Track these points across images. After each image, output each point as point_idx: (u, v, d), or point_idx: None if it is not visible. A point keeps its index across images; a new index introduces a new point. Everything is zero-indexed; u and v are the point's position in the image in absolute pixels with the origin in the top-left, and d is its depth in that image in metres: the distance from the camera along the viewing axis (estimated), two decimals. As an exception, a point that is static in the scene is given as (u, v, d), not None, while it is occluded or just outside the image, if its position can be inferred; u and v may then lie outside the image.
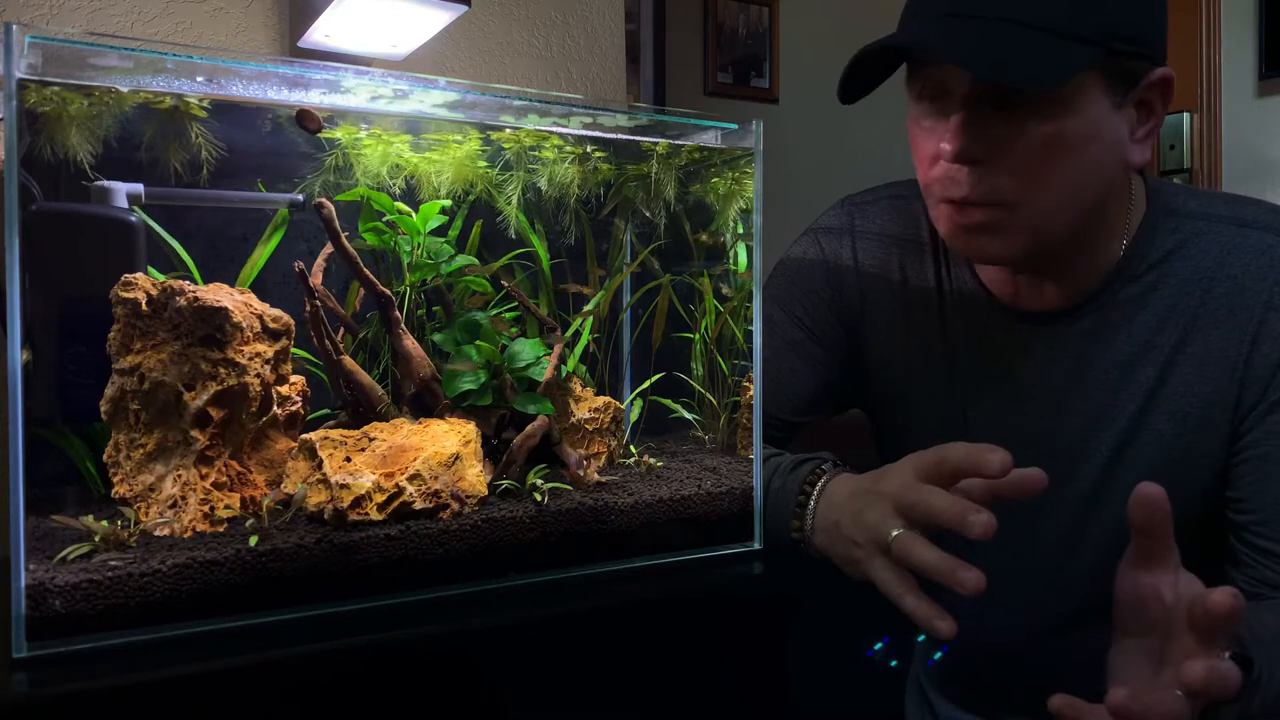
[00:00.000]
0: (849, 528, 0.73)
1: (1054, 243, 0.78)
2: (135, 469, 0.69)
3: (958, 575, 0.62)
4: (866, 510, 0.71)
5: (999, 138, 0.73)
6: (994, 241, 0.77)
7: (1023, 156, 0.73)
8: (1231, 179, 2.84)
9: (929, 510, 0.65)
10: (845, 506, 0.75)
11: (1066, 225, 0.77)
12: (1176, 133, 2.91)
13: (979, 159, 0.74)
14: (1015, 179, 0.73)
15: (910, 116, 0.80)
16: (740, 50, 2.87)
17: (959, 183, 0.75)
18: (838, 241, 0.95)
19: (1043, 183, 0.74)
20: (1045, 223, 0.76)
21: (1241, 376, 0.78)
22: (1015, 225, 0.75)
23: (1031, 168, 0.73)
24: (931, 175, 0.78)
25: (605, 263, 1.05)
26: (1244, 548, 0.78)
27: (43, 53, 0.64)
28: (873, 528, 0.69)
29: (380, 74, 0.78)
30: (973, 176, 0.74)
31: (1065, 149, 0.73)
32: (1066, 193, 0.75)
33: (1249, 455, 0.78)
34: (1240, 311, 0.78)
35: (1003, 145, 0.73)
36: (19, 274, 0.58)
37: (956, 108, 0.74)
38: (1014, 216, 0.75)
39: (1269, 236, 0.79)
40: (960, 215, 0.77)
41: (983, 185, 0.74)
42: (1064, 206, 0.76)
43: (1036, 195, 0.74)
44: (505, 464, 0.81)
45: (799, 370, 0.94)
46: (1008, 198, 0.74)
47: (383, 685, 0.63)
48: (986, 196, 0.74)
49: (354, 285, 0.90)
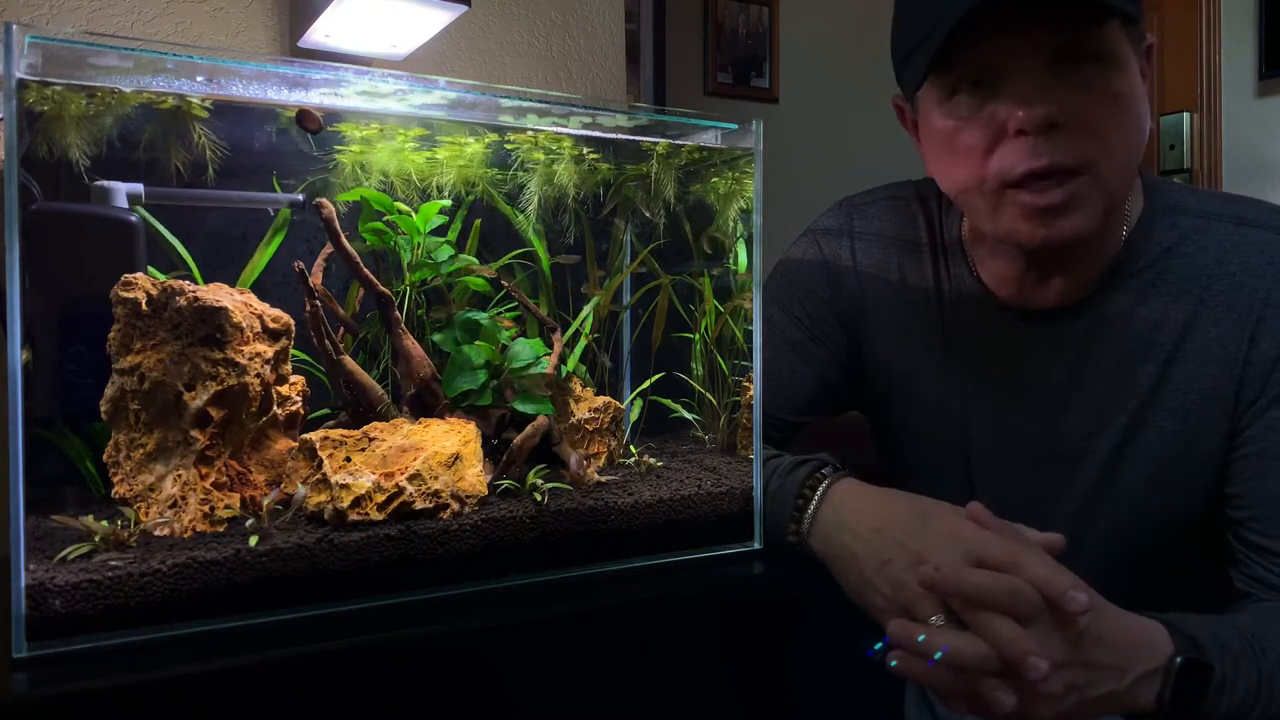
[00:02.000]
0: (873, 574, 0.69)
1: (1117, 206, 0.78)
2: (135, 469, 0.69)
3: (996, 694, 0.59)
4: (900, 570, 0.67)
5: (1070, 99, 0.72)
6: (1076, 217, 0.74)
7: (1096, 114, 0.72)
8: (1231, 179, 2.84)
9: (989, 633, 0.60)
10: (869, 543, 0.71)
11: (1128, 186, 0.78)
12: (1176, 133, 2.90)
13: (1058, 122, 0.71)
14: (1093, 138, 0.72)
15: (938, 118, 0.78)
16: (740, 50, 2.87)
17: (1040, 153, 0.72)
18: (836, 243, 0.95)
19: (1116, 137, 0.73)
20: (1118, 183, 0.75)
21: (1240, 373, 0.78)
22: (1095, 191, 0.73)
23: (1105, 124, 0.72)
24: (994, 163, 0.74)
25: (605, 263, 1.05)
26: (1240, 545, 0.78)
27: (43, 53, 0.64)
28: (909, 599, 0.65)
29: (380, 74, 0.78)
30: (1053, 143, 0.72)
31: (1127, 104, 0.73)
32: (1133, 150, 0.75)
33: (1246, 451, 0.78)
34: (1239, 308, 0.78)
35: (1077, 105, 0.72)
36: (19, 274, 0.58)
37: (1016, 79, 0.72)
38: (1096, 181, 0.73)
39: (1267, 234, 0.79)
40: (1041, 198, 0.73)
41: (1066, 150, 0.72)
42: (1130, 166, 0.76)
43: (1113, 154, 0.73)
44: (505, 464, 0.81)
45: (798, 370, 0.94)
46: (1091, 156, 0.72)
47: (383, 685, 0.63)
48: (1071, 160, 0.72)
49: (354, 285, 0.90)
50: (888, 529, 0.70)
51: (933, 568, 0.63)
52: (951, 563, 0.63)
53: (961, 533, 0.66)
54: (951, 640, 0.60)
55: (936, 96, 0.77)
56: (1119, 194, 0.76)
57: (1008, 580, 0.61)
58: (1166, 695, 0.63)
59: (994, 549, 0.63)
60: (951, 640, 0.60)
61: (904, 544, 0.68)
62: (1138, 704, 0.64)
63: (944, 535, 0.66)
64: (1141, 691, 0.63)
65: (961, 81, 0.75)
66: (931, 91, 0.78)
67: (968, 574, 0.62)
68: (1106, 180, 0.74)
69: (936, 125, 0.78)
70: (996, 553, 0.63)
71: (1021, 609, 0.60)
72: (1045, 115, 0.71)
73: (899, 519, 0.70)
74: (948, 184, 0.81)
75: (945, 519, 0.68)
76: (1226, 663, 0.65)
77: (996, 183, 0.75)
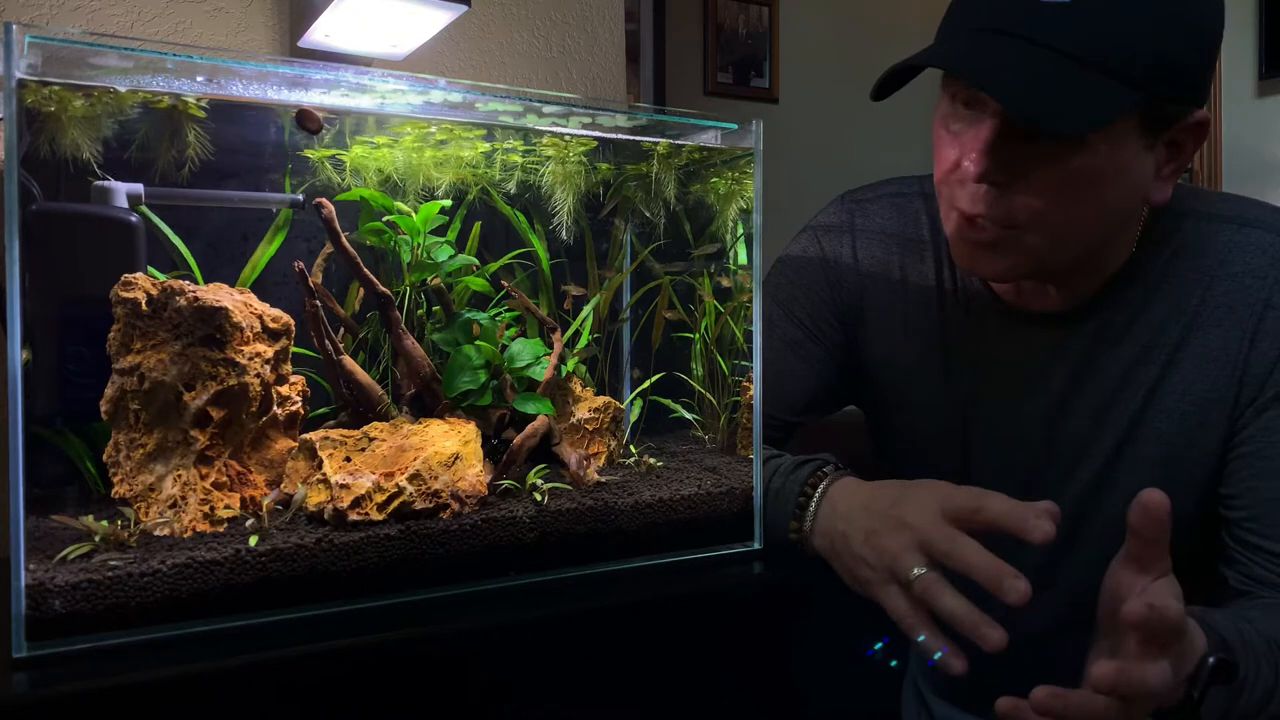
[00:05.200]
0: (860, 546, 0.71)
1: (1056, 269, 0.78)
2: (135, 469, 0.69)
3: (981, 630, 0.61)
4: (884, 535, 0.69)
5: (1023, 165, 0.71)
6: (997, 260, 0.76)
7: (1044, 186, 0.71)
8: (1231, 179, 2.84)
9: (964, 564, 0.64)
10: (856, 521, 0.73)
11: (1071, 255, 0.76)
12: (1176, 133, 2.90)
13: (1000, 183, 0.72)
14: (1031, 205, 0.72)
15: (938, 112, 0.78)
16: (740, 50, 2.87)
17: (975, 200, 0.73)
18: (837, 240, 0.95)
19: (1059, 213, 0.72)
20: (1052, 250, 0.75)
21: (1240, 374, 0.78)
22: (1021, 248, 0.74)
23: (1051, 198, 0.72)
24: (949, 181, 0.77)
25: (605, 263, 1.05)
26: (1236, 544, 0.78)
27: (43, 53, 0.64)
28: (891, 557, 0.68)
29: (380, 74, 0.78)
30: (989, 196, 0.73)
31: (1089, 185, 0.71)
32: (1080, 226, 0.74)
33: (1243, 451, 0.78)
34: (1240, 309, 0.78)
35: (1026, 173, 0.71)
36: (19, 274, 0.58)
37: (985, 126, 0.72)
38: (1022, 239, 0.74)
39: (1269, 235, 0.79)
40: (969, 229, 0.75)
41: (998, 207, 0.73)
42: (1074, 238, 0.75)
43: (1050, 224, 0.73)
44: (505, 464, 0.81)
45: (798, 370, 0.94)
46: (1020, 221, 0.73)
47: (383, 685, 0.63)
48: (1000, 219, 0.73)
49: (354, 285, 0.90)
50: (873, 504, 0.73)
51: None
52: (926, 517, 0.67)
53: (937, 492, 0.69)
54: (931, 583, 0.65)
55: (946, 94, 0.78)
56: (1057, 256, 0.76)
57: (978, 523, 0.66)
58: (1195, 693, 0.63)
59: (960, 497, 0.67)
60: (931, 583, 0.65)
61: (887, 513, 0.71)
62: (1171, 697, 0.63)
63: (921, 499, 0.69)
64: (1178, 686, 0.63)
65: (959, 94, 0.76)
66: (945, 86, 0.78)
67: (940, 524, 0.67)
68: (1040, 244, 0.74)
69: (936, 121, 0.79)
70: (963, 499, 0.67)
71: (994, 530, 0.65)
72: (987, 173, 0.72)
73: (884, 495, 0.73)
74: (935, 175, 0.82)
75: (925, 487, 0.71)
76: (1249, 662, 0.65)
77: (948, 200, 0.77)
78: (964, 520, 0.66)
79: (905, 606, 0.67)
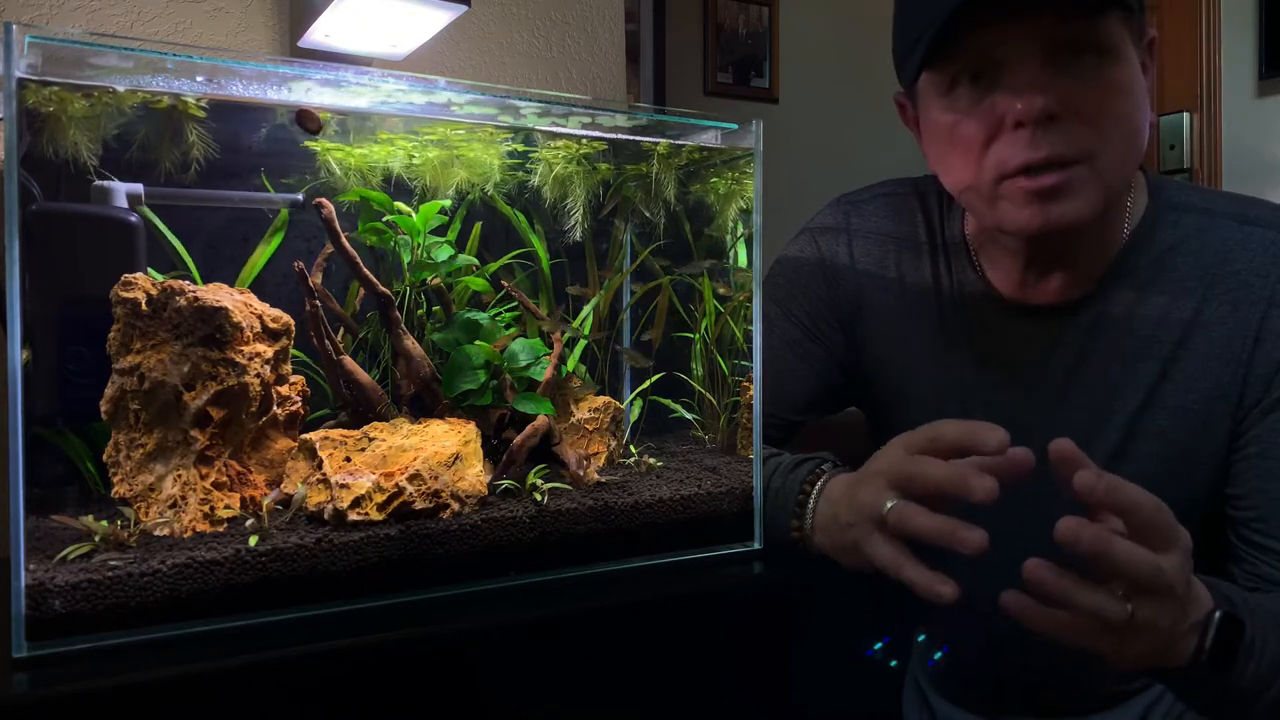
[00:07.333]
0: (845, 513, 0.73)
1: (1116, 198, 0.78)
2: (135, 469, 0.69)
3: (958, 535, 0.62)
4: (860, 490, 0.71)
5: (1068, 90, 0.72)
6: (1073, 203, 0.74)
7: (1095, 105, 0.73)
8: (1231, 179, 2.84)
9: (927, 479, 0.66)
10: (840, 497, 0.75)
11: (1127, 178, 0.78)
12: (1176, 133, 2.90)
13: (1056, 114, 0.72)
14: (1091, 129, 0.73)
15: (938, 112, 0.78)
16: (740, 50, 2.87)
17: (1038, 145, 0.73)
18: (834, 240, 0.95)
19: (1114, 129, 0.74)
20: (1116, 174, 0.76)
21: (1244, 374, 0.78)
22: (1093, 180, 0.74)
23: (1104, 116, 0.73)
24: (993, 155, 0.75)
25: (605, 263, 1.05)
26: (1243, 544, 0.78)
27: (43, 53, 0.64)
28: (867, 504, 0.70)
29: (380, 74, 0.78)
30: (1051, 135, 0.73)
31: (1126, 95, 0.74)
32: (1132, 139, 0.76)
33: (1249, 452, 0.78)
34: (1244, 308, 0.78)
35: (1076, 97, 0.72)
36: (19, 274, 0.58)
37: (1014, 71, 0.73)
38: (1093, 169, 0.74)
39: (1272, 233, 0.79)
40: (1037, 182, 0.74)
41: (1059, 142, 0.73)
42: (1130, 155, 0.76)
43: (1111, 145, 0.74)
44: (505, 464, 0.81)
45: (797, 370, 0.94)
46: (1089, 147, 0.73)
47: (383, 685, 0.63)
48: (1063, 153, 0.73)
49: (354, 285, 0.90)
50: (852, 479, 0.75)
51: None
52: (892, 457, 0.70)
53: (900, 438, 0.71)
54: (902, 509, 0.66)
55: (936, 90, 0.78)
56: (1117, 185, 0.76)
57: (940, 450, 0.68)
58: (1205, 647, 0.63)
59: (919, 432, 0.70)
60: (902, 509, 0.66)
61: (865, 469, 0.73)
62: (1178, 654, 0.63)
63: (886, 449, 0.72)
64: (1185, 642, 0.63)
65: (961, 74, 0.75)
66: (931, 86, 0.78)
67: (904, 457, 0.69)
68: (1104, 171, 0.74)
69: (937, 119, 0.79)
70: (921, 432, 0.70)
71: (942, 452, 0.67)
72: (1043, 107, 0.72)
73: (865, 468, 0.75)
74: (948, 179, 0.81)
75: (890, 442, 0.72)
76: (1256, 626, 0.65)
77: (995, 174, 0.75)
78: (924, 451, 0.68)
79: (888, 549, 0.67)
